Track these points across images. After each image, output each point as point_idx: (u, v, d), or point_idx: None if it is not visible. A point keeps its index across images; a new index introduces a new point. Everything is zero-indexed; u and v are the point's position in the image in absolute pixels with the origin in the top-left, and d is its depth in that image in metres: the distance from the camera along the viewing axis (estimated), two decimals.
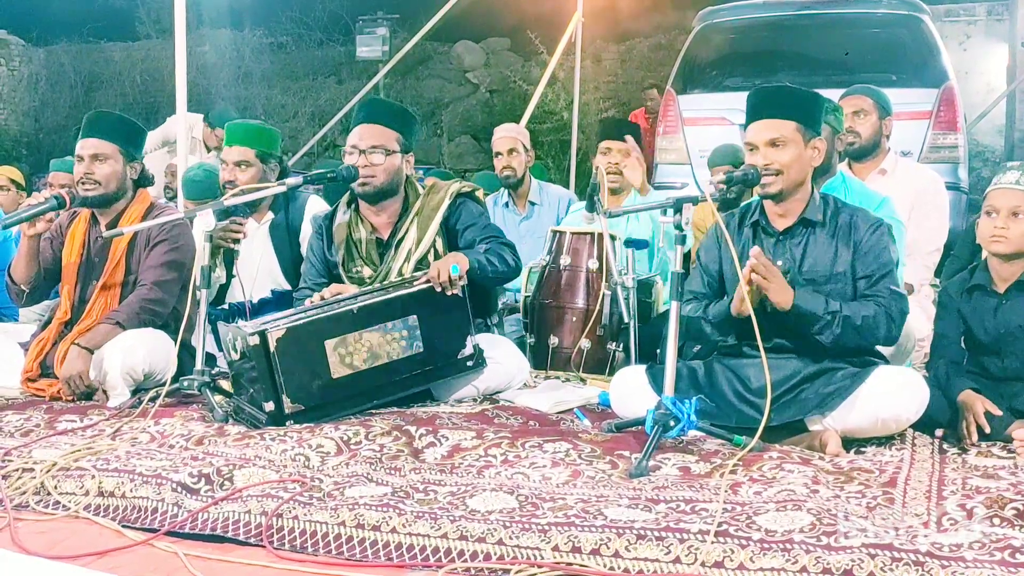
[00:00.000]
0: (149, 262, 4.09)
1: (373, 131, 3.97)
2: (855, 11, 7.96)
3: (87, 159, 4.07)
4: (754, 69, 7.92)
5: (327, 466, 3.00)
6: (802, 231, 3.38)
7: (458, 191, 4.07)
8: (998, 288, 3.44)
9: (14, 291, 4.22)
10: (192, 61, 6.21)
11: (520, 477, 2.90)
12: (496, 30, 15.84)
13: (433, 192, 4.07)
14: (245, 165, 4.44)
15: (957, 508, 2.56)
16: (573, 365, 4.40)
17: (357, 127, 4.01)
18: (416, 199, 4.04)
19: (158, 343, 3.93)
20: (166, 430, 3.39)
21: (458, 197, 4.06)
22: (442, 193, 4.05)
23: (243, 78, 16.49)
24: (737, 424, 3.19)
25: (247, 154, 4.45)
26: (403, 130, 4.03)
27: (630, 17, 14.45)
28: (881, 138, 4.77)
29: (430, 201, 4.03)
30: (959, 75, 8.26)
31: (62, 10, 16.53)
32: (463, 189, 4.11)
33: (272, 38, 17.19)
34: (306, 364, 3.46)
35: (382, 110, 4.12)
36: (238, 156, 4.45)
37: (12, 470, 3.00)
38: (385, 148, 3.94)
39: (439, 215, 4.00)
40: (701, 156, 7.22)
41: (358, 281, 4.00)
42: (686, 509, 2.56)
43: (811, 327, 3.21)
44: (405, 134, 4.02)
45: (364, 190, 3.97)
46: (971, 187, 7.67)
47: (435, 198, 4.04)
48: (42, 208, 3.94)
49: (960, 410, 3.25)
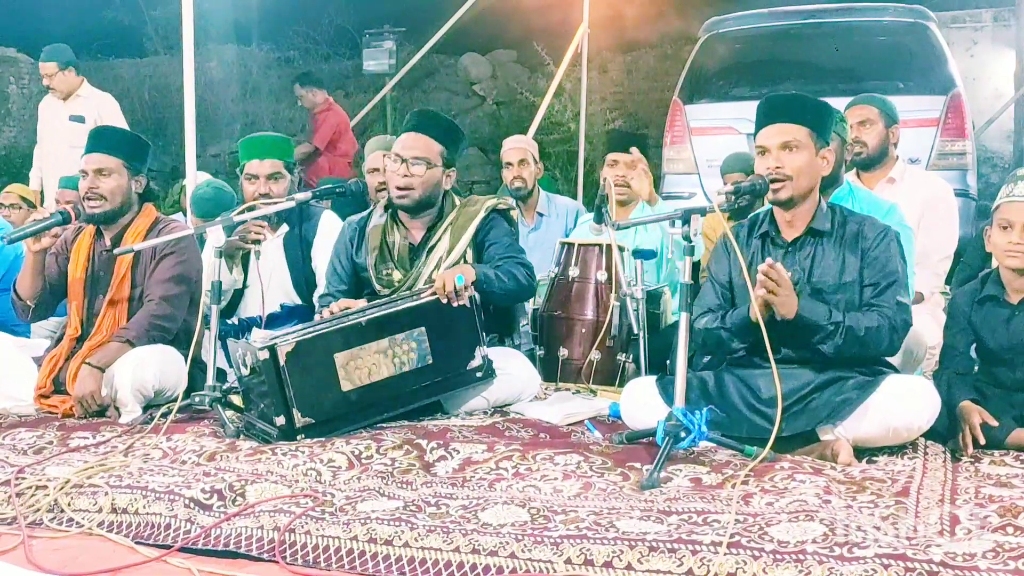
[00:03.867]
0: (156, 276, 4.10)
1: (418, 141, 3.99)
2: (861, 19, 7.95)
3: (91, 174, 4.09)
4: (760, 78, 7.93)
5: (339, 480, 3.01)
6: (811, 241, 3.38)
7: (494, 206, 4.10)
8: (1011, 299, 3.43)
9: (20, 307, 4.23)
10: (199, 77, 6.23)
11: (532, 490, 2.90)
12: (502, 42, 15.86)
13: (469, 205, 4.10)
14: (278, 177, 4.44)
15: (970, 517, 2.55)
16: (583, 377, 4.40)
17: (404, 134, 4.04)
18: (452, 210, 4.07)
19: (168, 359, 3.94)
20: (178, 446, 3.39)
21: (492, 213, 4.08)
22: (478, 206, 4.08)
23: (251, 93, 16.53)
24: (748, 434, 3.19)
25: (278, 166, 4.44)
26: (448, 144, 4.04)
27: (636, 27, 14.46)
28: (888, 146, 4.76)
29: (465, 213, 4.06)
30: (966, 81, 8.25)
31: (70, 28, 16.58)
32: (499, 205, 4.13)
33: (279, 52, 17.25)
34: (316, 378, 3.47)
35: (430, 122, 4.11)
36: (271, 169, 4.42)
37: (26, 487, 3.01)
38: (428, 160, 3.96)
39: (472, 227, 4.02)
40: (709, 165, 7.23)
41: (388, 284, 4.02)
42: (698, 520, 2.56)
43: (813, 336, 3.21)
44: (450, 148, 4.04)
45: (402, 202, 3.99)
46: (980, 193, 7.63)
47: (471, 210, 4.07)
48: (47, 223, 3.95)
49: (958, 420, 3.25)
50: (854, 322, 3.20)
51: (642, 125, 13.75)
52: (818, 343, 3.22)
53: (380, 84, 13.02)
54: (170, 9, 15.21)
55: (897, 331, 3.25)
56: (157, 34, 17.22)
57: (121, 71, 17.24)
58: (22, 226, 4.14)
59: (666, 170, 7.92)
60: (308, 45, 17.22)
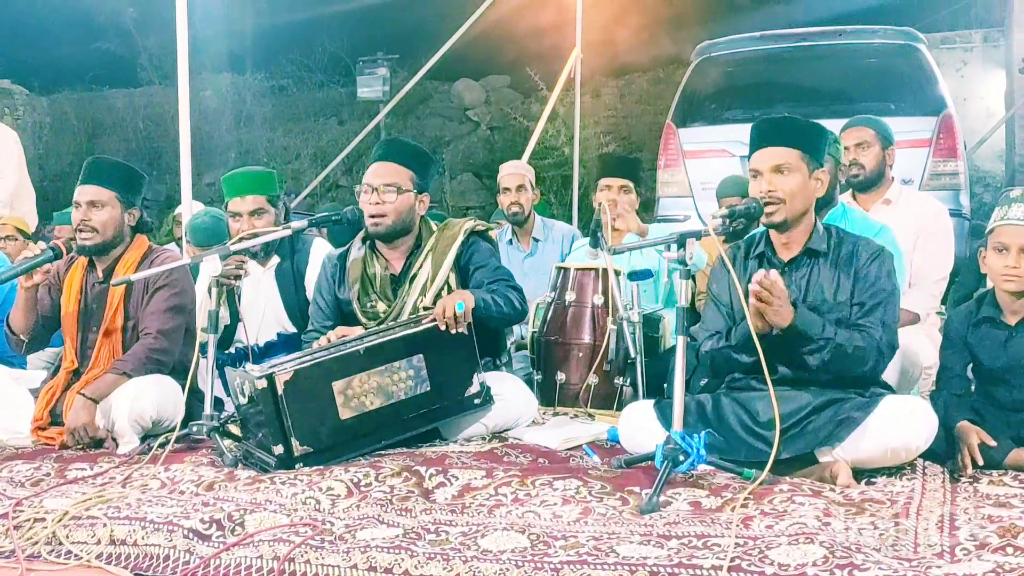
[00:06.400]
0: (151, 308, 4.09)
1: (388, 169, 4.00)
2: (851, 42, 8.01)
3: (84, 206, 4.08)
4: (753, 101, 7.97)
5: (338, 509, 3.00)
6: (807, 262, 3.39)
7: (471, 229, 4.10)
8: (1008, 320, 3.44)
9: (14, 341, 4.23)
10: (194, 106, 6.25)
11: (531, 515, 2.90)
12: (495, 67, 15.96)
13: (447, 229, 4.10)
14: (260, 213, 4.46)
15: (970, 538, 2.55)
16: (581, 401, 4.40)
17: (373, 165, 4.04)
18: (430, 236, 4.07)
19: (166, 389, 3.94)
20: (176, 476, 3.38)
21: (471, 235, 4.09)
22: (456, 230, 4.08)
23: (245, 121, 16.60)
24: (746, 458, 3.19)
25: (260, 201, 4.46)
26: (418, 169, 4.05)
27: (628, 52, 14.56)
28: (885, 168, 4.78)
29: (444, 238, 4.06)
30: (957, 102, 8.29)
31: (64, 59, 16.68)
32: (476, 227, 4.14)
33: (273, 81, 17.34)
34: (314, 406, 3.46)
35: (398, 149, 4.14)
36: (252, 205, 4.45)
37: (24, 520, 2.99)
38: (398, 186, 3.96)
39: (452, 251, 4.02)
40: (703, 188, 7.24)
41: (372, 316, 4.02)
42: (698, 544, 2.56)
43: (802, 347, 3.23)
44: (420, 174, 4.05)
45: (376, 230, 3.99)
46: (973, 213, 7.67)
47: (448, 235, 4.07)
48: (38, 260, 3.95)
49: (956, 441, 3.25)
50: (845, 340, 3.21)
51: (636, 149, 13.82)
52: (806, 353, 3.23)
53: (374, 111, 13.08)
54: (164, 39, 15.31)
55: (883, 354, 3.26)
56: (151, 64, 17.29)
57: (115, 101, 17.32)
58: (13, 265, 4.13)
59: (660, 193, 7.95)
60: (302, 73, 17.31)
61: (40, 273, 4.02)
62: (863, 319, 3.27)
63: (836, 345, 3.19)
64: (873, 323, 3.26)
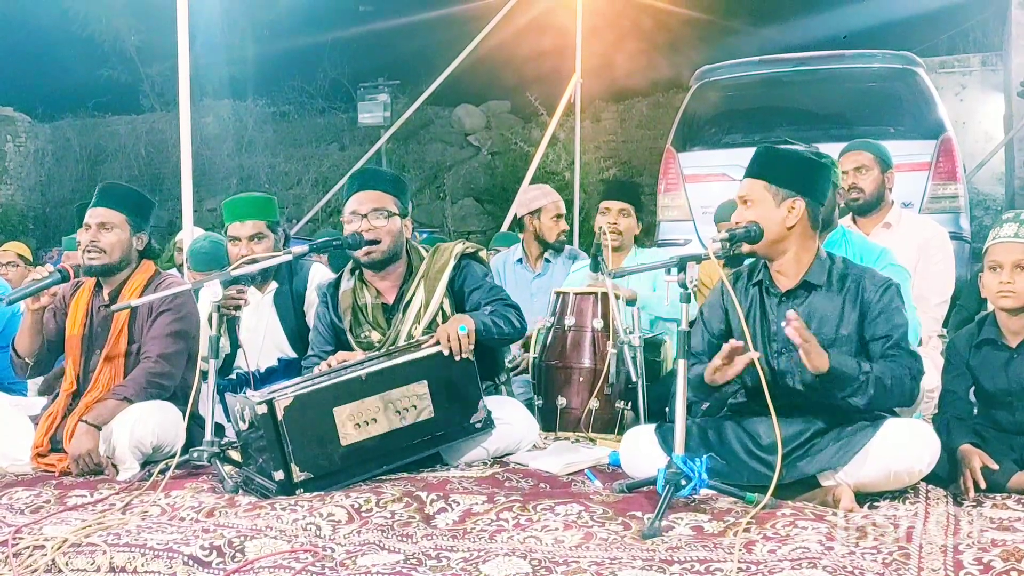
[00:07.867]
0: (153, 333, 4.09)
1: (371, 196, 4.02)
2: (850, 66, 8.04)
3: (94, 227, 4.10)
4: (752, 125, 8.00)
5: (339, 535, 2.99)
6: (804, 293, 3.35)
7: (462, 252, 4.11)
8: (1009, 342, 3.44)
9: (19, 364, 4.24)
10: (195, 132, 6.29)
11: (533, 541, 2.88)
12: (496, 93, 16.04)
13: (437, 254, 4.10)
14: (260, 238, 4.47)
15: (974, 562, 2.54)
16: (582, 426, 4.38)
17: (353, 195, 4.06)
18: (420, 262, 4.07)
19: (166, 415, 3.93)
20: (176, 502, 3.37)
21: (462, 259, 4.09)
22: (447, 254, 4.08)
23: (246, 147, 16.67)
24: (748, 481, 3.18)
25: (260, 226, 4.48)
26: (398, 195, 4.08)
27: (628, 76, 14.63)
28: (884, 192, 4.79)
29: (435, 263, 4.06)
30: (956, 125, 8.33)
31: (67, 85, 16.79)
32: (467, 250, 4.14)
33: (274, 107, 17.42)
34: (315, 432, 3.45)
35: (374, 176, 4.18)
36: (252, 230, 4.47)
37: (23, 547, 2.98)
38: (386, 210, 3.98)
39: (445, 276, 4.03)
40: (704, 212, 7.26)
41: (367, 346, 4.01)
42: (700, 570, 2.55)
43: (844, 389, 3.13)
44: (401, 198, 4.07)
45: (371, 258, 3.99)
46: (973, 236, 7.68)
47: (440, 259, 4.07)
48: (46, 283, 3.96)
49: (959, 464, 3.24)
50: (881, 372, 3.14)
51: (636, 173, 13.87)
52: (849, 395, 3.14)
53: (375, 136, 13.14)
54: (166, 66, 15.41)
55: (915, 379, 3.21)
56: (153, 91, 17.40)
57: (117, 128, 17.41)
58: (21, 286, 4.14)
59: (661, 217, 7.97)
60: (303, 99, 17.40)
61: (47, 296, 4.03)
62: (891, 350, 3.22)
63: (875, 379, 3.12)
64: (900, 353, 3.22)
